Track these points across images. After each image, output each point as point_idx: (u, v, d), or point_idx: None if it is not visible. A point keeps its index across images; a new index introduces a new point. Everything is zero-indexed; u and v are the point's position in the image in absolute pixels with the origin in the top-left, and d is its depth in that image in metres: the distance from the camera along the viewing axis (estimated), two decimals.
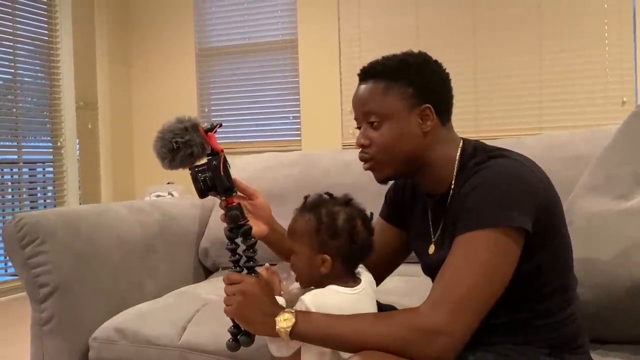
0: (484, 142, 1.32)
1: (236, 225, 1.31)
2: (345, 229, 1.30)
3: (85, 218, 1.95)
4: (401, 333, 1.09)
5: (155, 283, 2.09)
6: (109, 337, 1.76)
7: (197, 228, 2.37)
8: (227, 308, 1.24)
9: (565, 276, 1.26)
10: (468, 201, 1.16)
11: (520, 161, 1.21)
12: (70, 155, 4.63)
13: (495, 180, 1.16)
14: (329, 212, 1.31)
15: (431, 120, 1.26)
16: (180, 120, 1.27)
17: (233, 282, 1.25)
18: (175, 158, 1.26)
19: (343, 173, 2.32)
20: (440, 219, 1.31)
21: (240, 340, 1.28)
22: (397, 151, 1.26)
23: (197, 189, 1.30)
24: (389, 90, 1.26)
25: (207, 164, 1.29)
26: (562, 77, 3.98)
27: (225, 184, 1.30)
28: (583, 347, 1.27)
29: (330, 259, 1.28)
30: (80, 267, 1.85)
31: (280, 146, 4.59)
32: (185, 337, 1.68)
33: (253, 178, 2.35)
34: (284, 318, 1.15)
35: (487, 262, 1.12)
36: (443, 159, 1.27)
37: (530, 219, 1.14)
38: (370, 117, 1.28)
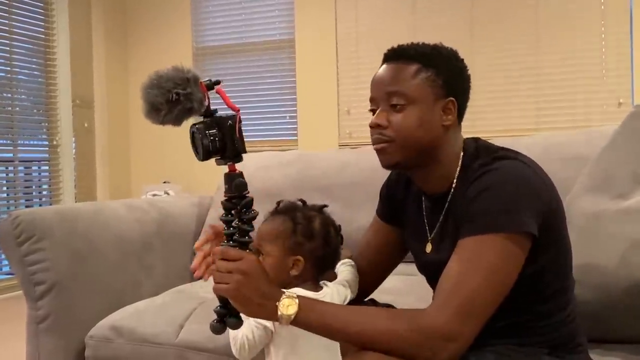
0: (485, 141, 1.31)
1: (240, 195, 1.17)
2: (321, 232, 1.33)
3: (82, 216, 1.94)
4: (410, 335, 1.08)
5: (153, 281, 2.08)
6: (105, 336, 1.75)
7: (194, 227, 2.36)
8: (222, 286, 1.12)
9: (565, 278, 1.26)
10: (475, 205, 1.15)
11: (525, 163, 1.21)
12: (67, 154, 4.61)
13: (502, 184, 1.15)
14: (305, 215, 1.34)
15: (452, 115, 1.24)
16: (180, 70, 1.13)
17: (231, 258, 1.13)
18: (172, 111, 1.10)
19: (340, 173, 2.32)
20: (438, 218, 1.29)
21: (227, 322, 1.18)
22: (415, 138, 1.22)
23: (202, 149, 1.14)
24: (418, 74, 1.22)
25: (217, 122, 1.15)
26: (558, 78, 3.99)
27: (238, 148, 1.16)
28: (581, 346, 1.28)
29: (303, 261, 1.30)
30: (76, 265, 1.84)
31: (277, 146, 4.58)
32: (182, 335, 1.68)
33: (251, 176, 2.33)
34: (288, 304, 1.11)
35: (493, 266, 1.11)
36: (450, 158, 1.26)
37: (536, 223, 1.14)
38: (394, 99, 1.23)
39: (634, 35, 3.82)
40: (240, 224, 1.18)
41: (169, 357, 1.67)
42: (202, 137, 1.14)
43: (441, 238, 1.29)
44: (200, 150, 1.15)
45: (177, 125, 1.13)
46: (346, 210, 2.22)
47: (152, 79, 1.11)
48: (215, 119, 1.16)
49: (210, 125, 1.15)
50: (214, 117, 1.16)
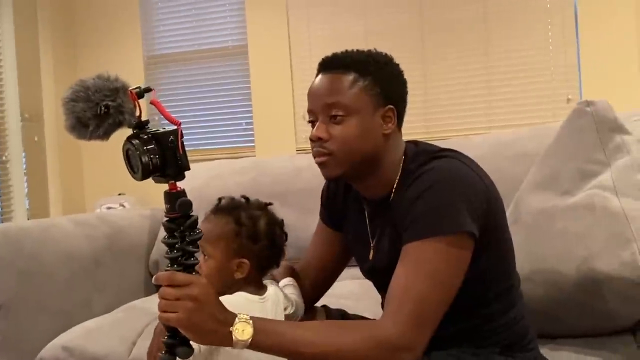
0: (426, 143, 1.30)
1: (184, 215, 1.08)
2: (267, 233, 1.29)
3: (29, 234, 1.88)
4: (366, 350, 1.07)
5: (104, 298, 2.03)
6: (56, 357, 1.71)
7: (146, 240, 2.32)
8: (171, 316, 1.03)
9: (508, 277, 1.27)
10: (413, 208, 1.14)
11: (462, 161, 1.20)
12: (16, 170, 4.48)
13: (437, 183, 1.14)
14: (249, 215, 1.29)
15: (392, 123, 1.23)
16: (107, 79, 1.03)
17: (179, 283, 1.03)
18: (101, 126, 1.00)
19: (294, 179, 2.31)
20: (379, 224, 1.29)
21: (177, 353, 1.08)
22: (356, 149, 1.20)
23: (141, 168, 1.04)
24: (356, 84, 1.20)
25: (156, 139, 1.05)
26: (508, 77, 4.05)
27: (182, 166, 1.07)
28: (532, 342, 1.28)
29: (248, 263, 1.26)
30: (24, 285, 1.79)
31: (234, 153, 4.54)
32: (135, 352, 1.64)
33: (203, 186, 2.31)
34: (242, 329, 1.05)
35: (439, 270, 1.10)
36: (391, 164, 1.25)
37: (475, 222, 1.13)
38: (333, 110, 1.20)
39: (579, 31, 3.91)
40: (185, 245, 1.09)
41: None
42: (139, 154, 1.04)
43: (383, 244, 1.27)
44: (139, 169, 1.05)
45: (104, 140, 1.04)
46: (301, 216, 2.21)
47: (76, 91, 1.02)
48: (153, 133, 1.06)
49: (148, 140, 1.05)
50: (150, 133, 1.06)
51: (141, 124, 1.07)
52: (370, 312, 1.45)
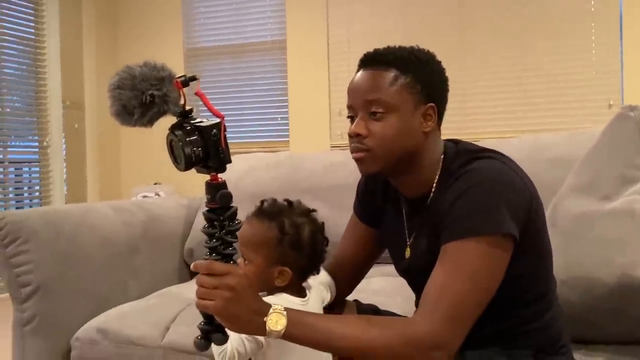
0: (466, 142, 1.29)
1: (224, 207, 1.10)
2: (310, 241, 1.26)
3: (69, 218, 1.93)
4: (400, 347, 1.06)
5: (139, 284, 2.07)
6: (91, 338, 1.74)
7: (182, 229, 2.35)
8: (207, 303, 1.05)
9: (546, 281, 1.25)
10: (454, 208, 1.13)
11: (504, 162, 1.19)
12: (57, 155, 4.59)
13: (480, 184, 1.13)
14: (293, 223, 1.26)
15: (432, 121, 1.22)
16: (153, 67, 1.04)
17: (217, 272, 1.06)
18: (146, 114, 1.02)
19: (329, 174, 2.31)
20: (417, 222, 1.28)
21: (213, 339, 1.12)
22: (395, 147, 1.19)
23: (184, 159, 1.05)
24: (397, 81, 1.19)
25: (199, 131, 1.06)
26: (548, 79, 3.99)
27: (224, 159, 1.08)
28: (565, 347, 1.27)
29: (290, 272, 1.24)
30: (62, 267, 1.83)
31: (268, 148, 4.57)
32: (168, 337, 1.67)
33: (238, 179, 2.34)
34: (276, 320, 1.07)
35: (477, 271, 1.10)
36: (430, 163, 1.24)
37: (516, 224, 1.12)
38: (373, 107, 1.19)
39: (624, 36, 3.84)
40: (224, 235, 1.11)
41: (155, 359, 1.66)
42: (182, 145, 1.05)
43: (420, 243, 1.27)
44: (182, 160, 1.06)
45: (148, 127, 1.05)
46: (334, 212, 2.19)
47: (123, 78, 1.02)
48: (197, 125, 1.07)
49: (191, 132, 1.06)
50: (194, 124, 1.07)
51: (185, 112, 1.08)
52: (401, 310, 1.45)
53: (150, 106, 1.02)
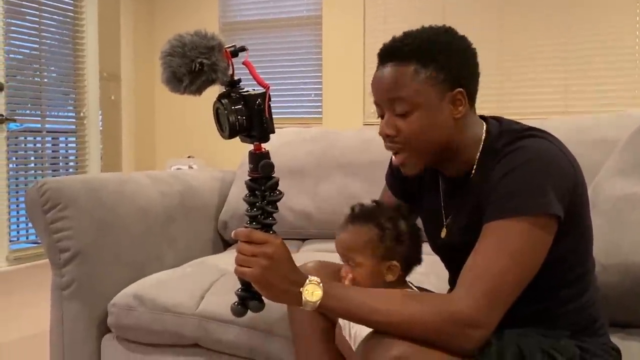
0: (509, 120, 1.26)
1: (266, 176, 1.13)
2: (408, 232, 1.28)
3: (108, 186, 1.96)
4: (437, 323, 1.05)
5: (175, 253, 2.10)
6: (127, 304, 1.77)
7: (217, 201, 2.38)
8: (245, 270, 1.09)
9: (586, 262, 1.24)
10: (500, 187, 1.12)
11: (552, 142, 1.17)
12: (93, 126, 4.65)
13: (527, 163, 1.11)
14: (389, 218, 1.28)
15: (463, 106, 1.18)
16: (204, 36, 1.06)
17: (255, 241, 1.10)
18: (194, 82, 1.04)
19: (363, 151, 2.30)
20: (456, 201, 1.27)
21: (250, 306, 1.16)
22: (427, 141, 1.18)
23: (228, 127, 1.07)
24: (417, 76, 1.15)
25: (245, 100, 1.08)
26: (590, 60, 3.91)
27: (267, 128, 1.09)
28: (602, 329, 1.26)
29: (398, 265, 1.26)
30: (101, 234, 1.87)
31: (301, 124, 4.57)
32: (202, 306, 1.69)
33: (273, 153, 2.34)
34: (312, 291, 1.09)
35: (520, 250, 1.08)
36: (469, 143, 1.22)
37: (562, 204, 1.11)
38: (397, 105, 1.17)
39: None
40: (265, 205, 1.14)
41: (189, 327, 1.69)
42: (228, 113, 1.07)
43: (459, 221, 1.26)
44: (226, 128, 1.08)
45: (197, 95, 1.08)
46: (368, 188, 2.21)
47: (174, 46, 1.05)
48: (243, 94, 1.09)
49: (236, 101, 1.08)
50: (240, 93, 1.09)
51: (233, 82, 1.10)
52: (435, 289, 1.44)
53: (199, 74, 1.04)
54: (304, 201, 2.28)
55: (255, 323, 1.60)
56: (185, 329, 1.69)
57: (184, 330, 1.69)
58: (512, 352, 1.12)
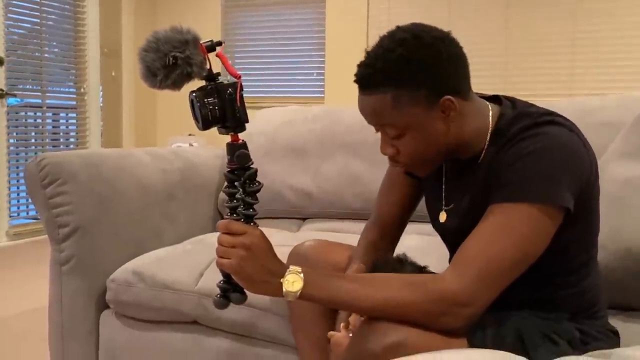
0: (524, 102, 1.22)
1: (242, 167, 1.13)
2: None
3: (107, 161, 1.94)
4: (425, 302, 1.05)
5: (174, 230, 2.09)
6: (126, 280, 1.77)
7: (217, 179, 2.36)
8: (224, 261, 1.08)
9: (591, 249, 1.23)
10: (512, 170, 1.09)
11: (572, 130, 1.13)
12: (93, 102, 4.63)
13: (545, 151, 1.08)
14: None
15: (454, 109, 1.13)
16: (179, 31, 1.06)
17: (234, 232, 1.09)
18: (169, 76, 1.04)
19: (366, 130, 2.27)
20: (462, 183, 1.25)
21: (231, 298, 1.15)
22: (428, 153, 1.16)
23: (201, 118, 1.09)
24: (398, 100, 1.10)
25: (217, 90, 1.09)
26: (596, 42, 3.87)
27: (240, 117, 1.10)
28: (602, 312, 1.25)
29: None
30: (100, 210, 1.85)
31: (303, 103, 4.55)
32: (201, 283, 1.69)
33: (275, 131, 2.33)
34: (293, 280, 1.07)
35: (522, 236, 1.07)
36: (475, 132, 1.18)
37: (573, 196, 1.09)
38: (387, 131, 1.15)
39: None
40: (245, 196, 1.13)
41: (188, 304, 1.68)
42: (200, 105, 1.08)
43: (462, 203, 1.24)
44: (200, 120, 1.09)
45: (176, 90, 1.08)
46: (371, 168, 2.20)
47: (149, 42, 1.05)
48: (216, 85, 1.10)
49: (209, 93, 1.09)
50: (214, 84, 1.10)
51: (211, 76, 1.10)
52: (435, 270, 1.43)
53: (174, 68, 1.04)
54: (305, 180, 2.27)
55: (253, 302, 1.59)
56: (184, 306, 1.69)
57: (182, 307, 1.69)
58: (511, 336, 1.11)
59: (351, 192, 2.21)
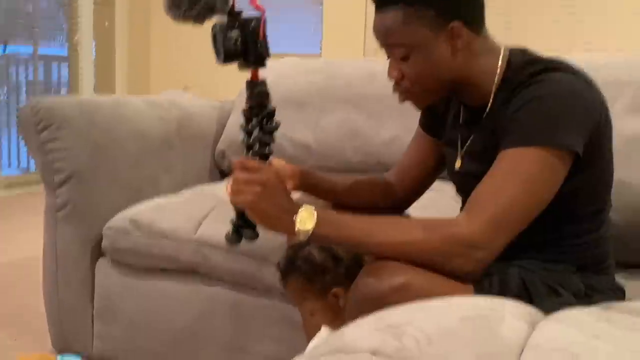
0: (533, 52, 1.21)
1: (261, 104, 1.15)
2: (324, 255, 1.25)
3: (103, 108, 1.90)
4: (436, 243, 1.05)
5: (171, 179, 2.06)
6: (123, 228, 1.75)
7: (214, 130, 2.32)
8: (239, 197, 1.10)
9: (601, 200, 1.22)
10: (520, 115, 1.09)
11: (579, 76, 1.13)
12: (86, 53, 4.54)
13: (552, 95, 1.08)
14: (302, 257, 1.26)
15: (462, 38, 1.14)
16: None
17: (250, 169, 1.11)
18: (194, 7, 1.06)
19: (367, 83, 2.24)
20: (475, 129, 1.24)
21: (244, 234, 1.18)
22: (432, 80, 1.16)
23: (224, 51, 1.09)
24: (409, 18, 1.12)
25: (240, 23, 1.09)
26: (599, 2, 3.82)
27: (261, 51, 1.10)
28: (609, 268, 1.25)
29: (341, 289, 1.23)
30: (96, 156, 1.82)
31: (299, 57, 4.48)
32: (200, 231, 1.67)
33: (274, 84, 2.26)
34: (305, 217, 1.08)
35: (532, 180, 1.06)
36: (483, 72, 1.18)
37: (582, 141, 1.08)
38: (395, 50, 1.16)
39: None
40: (261, 134, 1.15)
41: (186, 252, 1.67)
42: (223, 37, 1.08)
43: (475, 149, 1.23)
44: (221, 52, 1.09)
45: (199, 24, 1.09)
46: (371, 121, 2.17)
47: None
48: (239, 19, 1.09)
49: (232, 25, 1.09)
50: (237, 18, 1.10)
51: (234, 12, 1.10)
52: None
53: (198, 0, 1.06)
54: (304, 132, 2.23)
55: (252, 250, 1.58)
56: (182, 254, 1.67)
57: (180, 255, 1.67)
58: (515, 284, 1.10)
59: (351, 146, 2.18)
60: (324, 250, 1.23)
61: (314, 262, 1.23)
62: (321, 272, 1.23)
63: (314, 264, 1.23)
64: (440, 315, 0.87)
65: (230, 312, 1.66)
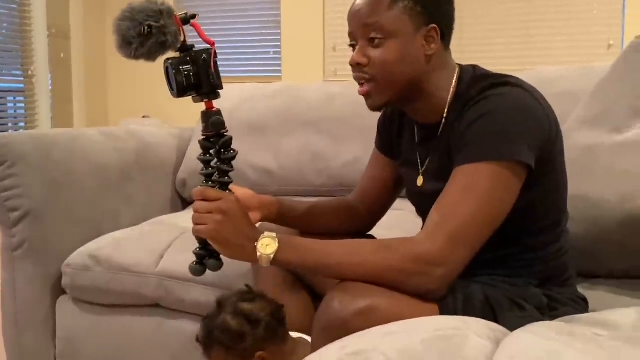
0: (483, 68, 1.24)
1: (218, 134, 1.16)
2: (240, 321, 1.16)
3: (58, 142, 1.86)
4: (399, 264, 1.05)
5: (132, 212, 2.02)
6: (83, 264, 1.70)
7: (174, 158, 2.30)
8: (201, 227, 1.11)
9: (558, 212, 1.23)
10: (472, 131, 1.10)
11: (528, 91, 1.15)
12: (42, 85, 4.46)
13: (501, 110, 1.09)
14: (218, 327, 1.17)
15: (435, 43, 1.16)
16: (153, 2, 1.09)
17: (209, 198, 1.12)
18: (144, 44, 1.07)
19: (327, 106, 2.25)
20: (430, 148, 1.25)
21: (207, 264, 1.17)
22: (397, 73, 1.16)
23: (176, 85, 1.11)
24: (396, 4, 1.14)
25: (191, 57, 1.12)
26: (548, 17, 3.91)
27: (214, 83, 1.13)
28: (570, 279, 1.26)
29: (264, 351, 1.15)
30: (53, 193, 1.78)
31: (260, 82, 4.48)
32: (162, 264, 1.64)
33: (234, 109, 2.27)
34: (267, 243, 1.09)
35: (487, 195, 1.07)
36: (440, 87, 1.20)
37: (534, 154, 1.10)
38: (371, 33, 1.15)
39: None
40: (220, 163, 1.16)
41: (149, 287, 1.63)
42: (175, 72, 1.11)
43: (432, 168, 1.24)
44: (175, 87, 1.12)
45: (151, 61, 1.10)
46: (332, 144, 2.18)
47: (124, 12, 1.08)
48: (190, 54, 1.12)
49: (184, 60, 1.12)
50: (188, 52, 1.12)
51: (186, 47, 1.12)
52: None
53: (148, 37, 1.07)
54: (266, 157, 2.22)
55: (217, 281, 1.55)
56: (145, 289, 1.64)
57: (143, 290, 1.64)
58: (479, 301, 1.11)
59: (313, 169, 2.18)
60: (238, 315, 1.16)
61: (230, 330, 1.16)
62: (239, 339, 1.16)
63: (230, 332, 1.16)
64: (404, 339, 0.87)
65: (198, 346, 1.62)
